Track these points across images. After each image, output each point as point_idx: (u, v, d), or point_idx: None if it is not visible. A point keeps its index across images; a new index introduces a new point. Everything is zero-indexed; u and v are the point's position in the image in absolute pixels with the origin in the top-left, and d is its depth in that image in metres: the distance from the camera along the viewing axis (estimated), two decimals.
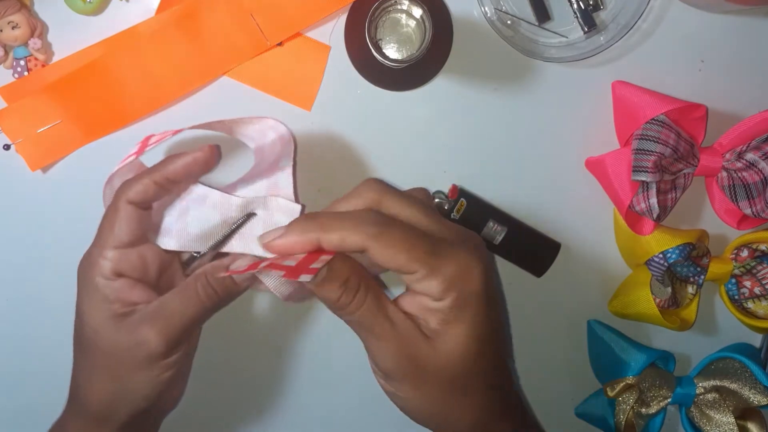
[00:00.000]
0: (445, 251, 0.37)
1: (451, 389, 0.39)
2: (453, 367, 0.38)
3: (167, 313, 0.42)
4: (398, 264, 0.36)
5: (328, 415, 0.55)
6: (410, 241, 0.36)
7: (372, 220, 0.37)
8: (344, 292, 0.37)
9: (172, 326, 0.41)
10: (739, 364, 0.51)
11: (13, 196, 0.52)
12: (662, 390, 0.51)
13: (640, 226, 0.50)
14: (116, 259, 0.42)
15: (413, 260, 0.36)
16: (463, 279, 0.37)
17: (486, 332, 0.39)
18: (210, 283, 0.43)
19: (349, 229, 0.36)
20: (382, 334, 0.38)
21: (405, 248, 0.36)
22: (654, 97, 0.48)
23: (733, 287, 0.52)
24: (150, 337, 0.41)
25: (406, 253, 0.36)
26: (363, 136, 0.52)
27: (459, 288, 0.37)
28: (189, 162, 0.43)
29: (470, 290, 0.37)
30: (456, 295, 0.37)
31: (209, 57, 0.50)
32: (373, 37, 0.47)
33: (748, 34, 0.51)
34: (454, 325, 0.38)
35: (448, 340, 0.38)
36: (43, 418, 0.46)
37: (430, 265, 0.36)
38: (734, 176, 0.49)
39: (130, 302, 0.42)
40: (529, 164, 0.52)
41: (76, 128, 0.50)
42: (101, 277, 0.42)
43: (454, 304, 0.37)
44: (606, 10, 0.50)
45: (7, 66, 0.49)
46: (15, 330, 0.53)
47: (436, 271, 0.37)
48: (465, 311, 0.38)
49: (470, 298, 0.37)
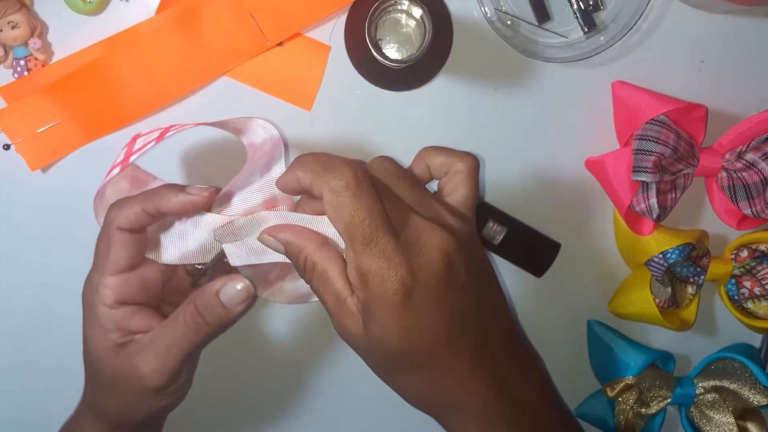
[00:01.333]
0: (378, 245, 0.37)
1: (383, 369, 0.40)
2: (377, 352, 0.39)
3: (159, 347, 0.41)
4: (336, 229, 0.38)
5: (329, 415, 0.55)
6: (356, 217, 0.37)
7: (341, 173, 0.38)
8: (296, 266, 0.40)
9: (164, 361, 0.41)
10: (738, 364, 0.51)
11: (13, 196, 0.52)
12: (662, 390, 0.51)
13: (639, 227, 0.50)
14: (117, 286, 0.41)
15: (346, 236, 0.38)
16: (381, 281, 0.37)
17: (406, 335, 0.38)
18: (199, 311, 0.41)
19: (317, 174, 0.38)
20: (327, 305, 0.40)
21: (346, 220, 0.37)
22: (654, 98, 0.48)
23: (732, 287, 0.52)
24: (144, 372, 0.41)
25: (342, 225, 0.38)
26: (363, 136, 0.52)
27: (372, 289, 0.37)
28: (185, 202, 0.41)
29: (382, 293, 0.37)
30: (367, 293, 0.37)
31: (209, 57, 0.50)
32: (373, 37, 0.47)
33: (748, 35, 0.52)
34: (369, 318, 0.38)
35: (370, 328, 0.38)
36: (43, 418, 0.46)
37: (355, 252, 0.37)
38: (734, 176, 0.49)
39: (129, 331, 0.42)
40: (529, 164, 0.52)
41: (76, 128, 0.50)
42: (103, 306, 0.41)
43: (365, 300, 0.38)
44: (606, 10, 0.51)
45: (6, 66, 0.49)
46: (15, 330, 0.53)
47: (356, 260, 0.37)
48: (376, 310, 0.37)
49: (383, 301, 0.37)
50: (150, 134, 0.46)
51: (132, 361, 0.41)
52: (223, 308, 0.41)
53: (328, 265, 0.39)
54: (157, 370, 0.41)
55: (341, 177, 0.37)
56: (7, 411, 0.54)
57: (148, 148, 0.45)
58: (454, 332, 0.39)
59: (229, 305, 0.41)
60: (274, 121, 0.51)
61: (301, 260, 0.40)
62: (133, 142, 0.46)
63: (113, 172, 0.45)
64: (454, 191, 0.42)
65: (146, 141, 0.46)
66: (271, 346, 0.54)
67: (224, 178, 0.51)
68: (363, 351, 0.40)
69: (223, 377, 0.54)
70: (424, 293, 0.38)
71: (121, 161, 0.45)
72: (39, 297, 0.52)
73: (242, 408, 0.55)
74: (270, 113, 0.51)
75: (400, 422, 0.54)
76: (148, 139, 0.46)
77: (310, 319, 0.54)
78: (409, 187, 0.41)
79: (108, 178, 0.45)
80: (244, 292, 0.41)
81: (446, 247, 0.38)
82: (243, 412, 0.55)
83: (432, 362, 0.39)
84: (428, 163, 0.43)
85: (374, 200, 0.38)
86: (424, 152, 0.43)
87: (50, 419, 0.46)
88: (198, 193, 0.41)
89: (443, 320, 0.38)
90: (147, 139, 0.46)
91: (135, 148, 0.46)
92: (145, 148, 0.45)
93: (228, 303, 0.41)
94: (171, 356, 0.41)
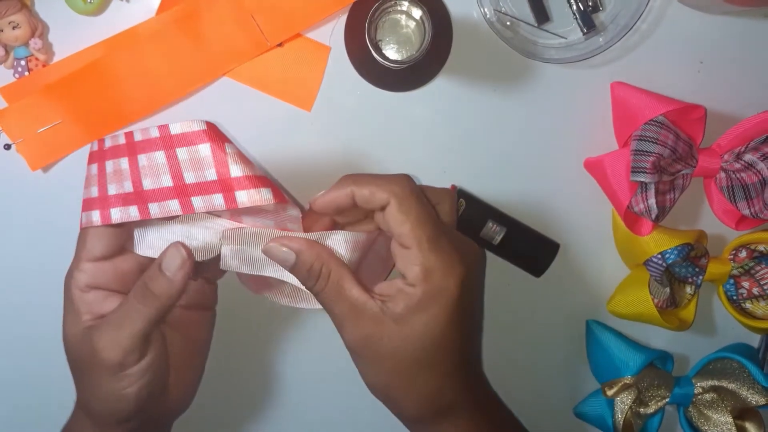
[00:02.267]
0: (440, 244, 0.41)
1: (404, 370, 0.42)
2: (406, 350, 0.41)
3: (116, 322, 0.41)
4: (401, 231, 0.40)
5: (327, 414, 0.55)
6: (421, 218, 0.41)
7: (401, 182, 0.41)
8: (308, 276, 0.41)
9: (121, 335, 0.41)
10: (737, 364, 0.51)
11: (13, 196, 0.52)
12: (660, 390, 0.51)
13: (638, 227, 0.50)
14: (90, 271, 0.42)
15: (413, 236, 0.40)
16: (443, 276, 0.40)
17: (448, 330, 0.41)
18: (145, 282, 0.42)
19: (379, 185, 0.41)
20: (341, 314, 0.41)
21: (413, 220, 0.40)
22: (653, 98, 0.48)
23: (731, 288, 0.52)
24: (102, 348, 0.41)
25: (409, 225, 0.40)
26: (363, 136, 0.52)
27: (434, 282, 0.40)
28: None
29: (444, 287, 0.40)
30: (428, 287, 0.40)
31: (210, 57, 0.50)
32: (373, 38, 0.47)
33: (747, 35, 0.52)
34: (418, 313, 0.40)
35: (410, 325, 0.40)
36: (44, 417, 0.46)
37: (422, 249, 0.40)
38: (733, 177, 0.49)
39: (99, 315, 0.42)
40: (529, 164, 0.52)
41: (77, 128, 0.50)
42: (76, 289, 0.42)
43: (423, 295, 0.40)
44: (605, 11, 0.51)
45: (7, 66, 0.49)
46: (15, 330, 0.53)
47: (423, 257, 0.40)
48: (432, 305, 0.40)
49: (441, 294, 0.40)
50: (116, 139, 0.45)
51: (92, 339, 0.41)
52: (164, 277, 0.42)
53: (342, 273, 0.41)
54: (112, 343, 0.41)
55: (404, 185, 0.41)
56: (7, 410, 0.54)
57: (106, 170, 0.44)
58: (470, 333, 0.43)
59: (170, 273, 0.42)
60: (275, 122, 0.51)
61: (315, 269, 0.41)
62: (101, 149, 0.45)
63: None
64: (402, 225, 0.41)
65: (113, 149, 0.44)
66: (272, 348, 0.54)
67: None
68: (384, 351, 0.41)
69: (225, 381, 0.54)
70: (468, 292, 0.42)
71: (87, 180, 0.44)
72: (39, 297, 0.52)
73: (234, 407, 0.55)
74: (270, 114, 0.51)
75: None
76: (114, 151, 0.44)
77: (310, 316, 0.54)
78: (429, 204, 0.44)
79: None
80: (178, 258, 0.42)
81: (480, 254, 0.44)
82: (236, 412, 0.55)
83: (452, 358, 0.42)
84: (354, 192, 0.42)
85: (429, 205, 0.42)
86: (345, 180, 0.43)
87: (51, 417, 0.47)
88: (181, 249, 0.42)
89: (472, 320, 0.43)
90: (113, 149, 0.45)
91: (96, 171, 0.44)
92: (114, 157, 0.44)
93: (167, 270, 0.42)
94: (124, 330, 0.41)
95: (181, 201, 0.42)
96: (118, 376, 0.42)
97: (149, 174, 0.43)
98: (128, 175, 0.43)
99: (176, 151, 0.42)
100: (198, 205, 0.42)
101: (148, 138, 0.43)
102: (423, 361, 0.41)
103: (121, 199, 0.43)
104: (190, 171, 0.42)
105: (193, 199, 0.42)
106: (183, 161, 0.42)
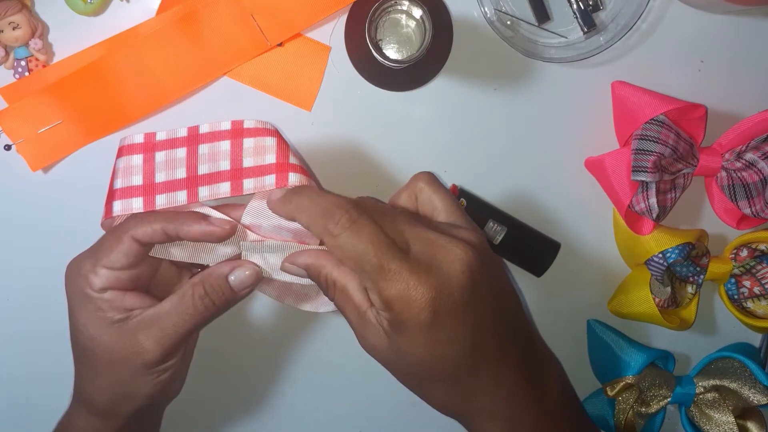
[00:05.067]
0: (390, 272, 0.38)
1: (408, 380, 0.42)
2: (399, 365, 0.41)
3: (164, 323, 0.42)
4: (353, 265, 0.39)
5: (325, 413, 0.55)
6: (356, 254, 0.38)
7: (338, 218, 0.39)
8: (320, 286, 0.42)
9: (168, 336, 0.42)
10: (738, 363, 0.51)
11: (13, 197, 0.52)
12: (662, 389, 0.51)
13: (639, 226, 0.50)
14: (106, 276, 0.42)
15: (357, 272, 0.39)
16: (404, 305, 0.38)
17: (432, 349, 0.39)
18: (207, 293, 0.43)
19: (314, 218, 0.40)
20: (350, 320, 0.41)
21: (351, 258, 0.39)
22: (653, 97, 0.48)
23: (732, 287, 0.52)
24: (147, 346, 0.41)
25: (351, 263, 0.39)
26: (363, 136, 0.52)
27: (396, 310, 0.38)
28: (206, 232, 0.42)
29: (408, 315, 0.38)
30: (392, 315, 0.38)
31: (210, 57, 0.50)
32: (373, 38, 0.47)
33: (748, 35, 0.52)
34: (395, 335, 0.39)
35: (395, 343, 0.39)
36: (44, 416, 0.46)
37: (372, 281, 0.38)
38: (733, 176, 0.49)
39: (124, 308, 0.42)
40: (529, 164, 0.52)
41: (77, 129, 0.50)
42: (90, 290, 0.42)
43: (392, 320, 0.38)
44: (605, 10, 0.51)
45: (8, 66, 0.49)
46: (16, 330, 0.53)
47: (377, 288, 0.38)
48: (403, 329, 0.38)
49: (407, 322, 0.38)
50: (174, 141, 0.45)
51: (135, 335, 0.42)
52: (231, 291, 0.43)
53: (346, 280, 0.41)
54: (160, 343, 0.42)
55: (336, 220, 0.39)
56: (8, 410, 0.54)
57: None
58: (478, 340, 0.40)
59: (237, 288, 0.43)
60: (275, 122, 0.51)
61: (323, 279, 0.41)
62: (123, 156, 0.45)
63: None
64: (434, 208, 0.43)
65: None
66: (266, 341, 0.54)
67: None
68: (389, 363, 0.41)
69: (217, 374, 0.54)
70: (449, 307, 0.38)
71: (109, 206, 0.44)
72: (40, 297, 0.52)
73: (235, 404, 0.55)
74: (270, 113, 0.51)
75: (394, 418, 0.54)
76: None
77: (309, 317, 0.54)
78: (407, 214, 0.42)
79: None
80: (252, 277, 0.43)
81: (463, 258, 0.39)
82: (236, 408, 0.55)
83: (459, 372, 0.40)
84: (396, 203, 0.44)
85: (374, 232, 0.39)
86: (392, 198, 0.45)
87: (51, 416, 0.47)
88: (220, 225, 0.43)
89: (468, 329, 0.39)
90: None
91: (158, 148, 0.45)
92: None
93: (236, 286, 0.43)
94: (174, 332, 0.42)
95: (233, 183, 0.43)
96: (150, 372, 0.42)
97: (208, 160, 0.43)
98: (183, 163, 0.44)
99: (243, 141, 0.44)
100: (248, 187, 0.43)
101: (216, 130, 0.44)
102: (418, 374, 0.41)
103: (171, 185, 0.43)
104: (250, 157, 0.43)
105: (245, 181, 0.43)
106: (246, 149, 0.43)
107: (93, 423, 0.44)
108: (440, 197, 0.43)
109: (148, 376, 0.42)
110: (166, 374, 0.43)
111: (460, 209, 0.44)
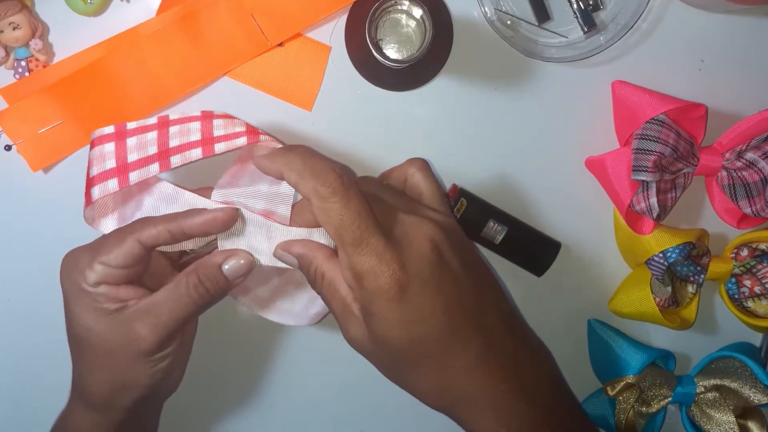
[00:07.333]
0: (368, 246, 0.39)
1: (388, 371, 0.42)
2: (377, 356, 0.41)
3: (159, 311, 0.42)
4: (328, 233, 0.40)
5: (326, 413, 0.55)
6: (344, 222, 0.39)
7: (330, 181, 0.39)
8: (308, 277, 0.43)
9: (163, 324, 0.42)
10: (739, 363, 0.51)
11: (14, 197, 0.52)
12: (663, 389, 0.51)
13: (640, 226, 0.50)
14: (102, 273, 0.42)
15: (336, 240, 0.40)
16: (374, 277, 0.39)
17: (405, 331, 0.39)
18: (202, 281, 0.43)
19: (304, 177, 0.40)
20: (335, 312, 0.42)
21: (333, 225, 0.39)
22: (654, 97, 0.48)
23: (733, 286, 0.52)
24: (142, 334, 0.42)
25: (332, 230, 0.39)
26: (363, 136, 0.52)
27: (367, 287, 0.39)
28: (208, 220, 0.43)
29: (377, 290, 0.39)
30: (363, 293, 0.39)
31: (210, 57, 0.50)
32: (373, 38, 0.47)
33: (748, 34, 0.52)
34: (368, 318, 0.40)
35: (371, 329, 0.40)
36: (44, 415, 0.46)
37: (347, 254, 0.39)
38: (734, 175, 0.49)
39: (119, 299, 0.43)
40: (529, 164, 0.52)
41: (78, 129, 0.50)
42: (85, 284, 0.42)
43: (362, 300, 0.40)
44: (606, 10, 0.51)
45: (8, 67, 0.50)
46: (16, 330, 0.53)
47: (349, 261, 0.39)
48: (373, 309, 0.39)
49: (377, 298, 0.39)
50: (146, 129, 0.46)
51: (131, 324, 0.42)
52: (225, 280, 0.44)
53: (335, 273, 0.41)
54: (156, 331, 0.42)
55: (328, 184, 0.39)
56: (8, 409, 0.54)
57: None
58: (455, 320, 0.40)
59: (231, 277, 0.44)
60: (275, 121, 0.51)
61: (312, 270, 0.42)
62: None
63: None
64: (420, 193, 0.46)
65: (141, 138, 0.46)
66: (266, 341, 0.54)
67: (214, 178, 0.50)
68: (370, 354, 0.42)
69: (217, 374, 0.54)
70: (419, 283, 0.39)
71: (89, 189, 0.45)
72: (40, 297, 0.52)
73: (235, 404, 0.55)
74: (270, 113, 0.51)
75: (390, 415, 0.54)
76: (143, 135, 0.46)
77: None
78: (392, 192, 0.44)
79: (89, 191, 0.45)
80: (246, 266, 0.44)
81: (433, 236, 0.40)
82: (236, 409, 0.55)
83: (436, 351, 0.40)
84: (387, 180, 0.46)
85: (361, 203, 0.40)
86: (383, 174, 0.48)
87: (52, 416, 0.47)
88: (220, 209, 0.43)
89: (441, 308, 0.40)
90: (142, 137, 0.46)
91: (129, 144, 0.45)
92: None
93: (230, 275, 0.44)
94: (170, 320, 0.42)
95: (204, 148, 0.44)
96: (147, 361, 0.42)
97: (178, 136, 0.44)
98: (155, 142, 0.44)
99: (213, 121, 0.45)
100: (220, 149, 0.43)
101: (187, 116, 0.45)
102: (398, 363, 0.41)
103: (143, 161, 0.44)
104: (221, 129, 0.44)
105: (216, 145, 0.44)
106: (217, 125, 0.44)
107: (92, 417, 0.44)
108: (428, 184, 0.46)
109: (146, 365, 0.43)
110: (164, 363, 0.43)
111: (443, 199, 0.46)
